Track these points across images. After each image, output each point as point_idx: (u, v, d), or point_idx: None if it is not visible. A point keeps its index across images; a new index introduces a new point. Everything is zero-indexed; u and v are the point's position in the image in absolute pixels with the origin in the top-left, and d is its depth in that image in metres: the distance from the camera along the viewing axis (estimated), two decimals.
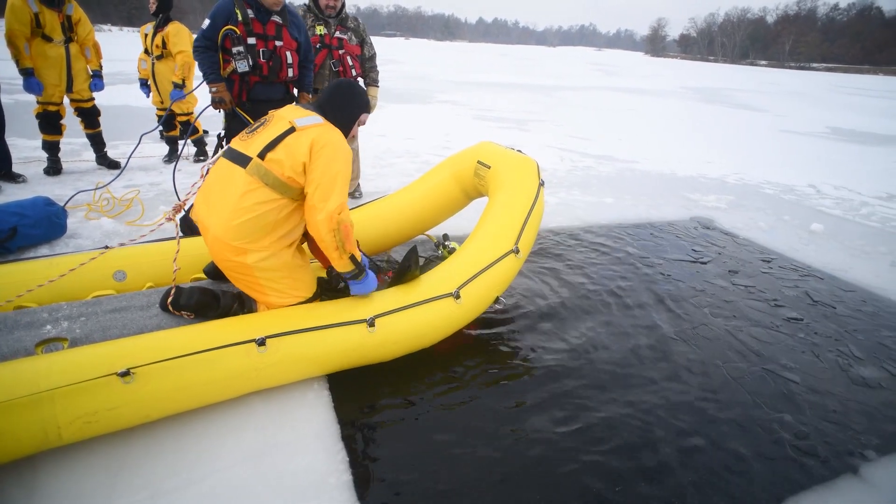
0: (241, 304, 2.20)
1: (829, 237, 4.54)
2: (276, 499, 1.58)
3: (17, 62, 4.13)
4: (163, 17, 4.94)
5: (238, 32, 2.95)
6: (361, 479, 1.69)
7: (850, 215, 5.32)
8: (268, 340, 1.85)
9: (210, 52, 3.00)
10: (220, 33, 2.95)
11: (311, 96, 3.46)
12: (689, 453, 1.92)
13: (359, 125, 2.33)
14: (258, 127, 2.08)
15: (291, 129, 2.00)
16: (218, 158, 2.12)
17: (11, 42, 4.08)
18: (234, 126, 3.14)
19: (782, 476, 1.86)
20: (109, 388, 1.61)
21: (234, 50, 2.97)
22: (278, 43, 3.10)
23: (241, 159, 2.00)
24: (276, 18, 3.08)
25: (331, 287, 2.42)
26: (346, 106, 2.20)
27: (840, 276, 3.71)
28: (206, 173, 2.14)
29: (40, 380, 1.54)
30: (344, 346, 2.02)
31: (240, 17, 2.96)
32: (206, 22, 2.96)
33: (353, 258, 2.04)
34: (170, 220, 2.11)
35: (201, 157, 5.50)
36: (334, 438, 1.82)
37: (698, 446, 1.96)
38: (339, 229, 1.95)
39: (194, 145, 5.55)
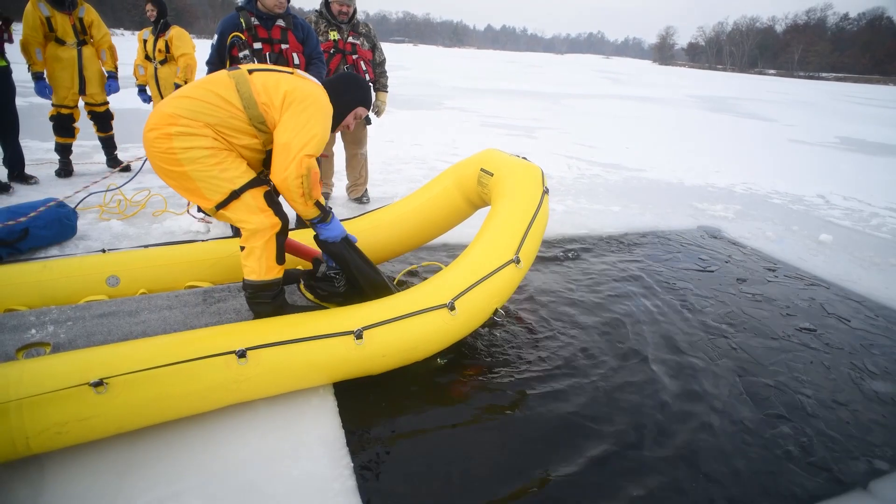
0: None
1: (839, 248, 4.50)
2: (280, 503, 1.58)
3: (29, 67, 4.22)
4: (163, 22, 5.01)
5: (244, 38, 3.02)
6: (366, 484, 1.68)
7: (860, 226, 5.27)
8: (249, 352, 1.77)
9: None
10: (228, 41, 3.03)
11: None
12: (698, 465, 1.90)
13: (355, 118, 2.36)
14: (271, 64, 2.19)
15: (290, 73, 2.10)
16: None
17: (24, 48, 4.20)
18: None
19: (791, 489, 1.84)
20: (81, 399, 1.55)
21: (241, 55, 3.04)
22: (284, 46, 3.15)
23: (233, 69, 2.07)
24: (281, 23, 3.13)
25: (315, 277, 2.34)
26: (346, 92, 2.28)
27: (850, 288, 3.68)
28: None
29: (10, 388, 1.48)
30: (330, 360, 1.92)
31: (244, 26, 3.03)
32: (215, 37, 3.05)
33: (317, 203, 2.09)
34: None
35: None
36: (339, 444, 1.82)
37: (707, 458, 1.94)
38: (308, 175, 1.98)
39: None
